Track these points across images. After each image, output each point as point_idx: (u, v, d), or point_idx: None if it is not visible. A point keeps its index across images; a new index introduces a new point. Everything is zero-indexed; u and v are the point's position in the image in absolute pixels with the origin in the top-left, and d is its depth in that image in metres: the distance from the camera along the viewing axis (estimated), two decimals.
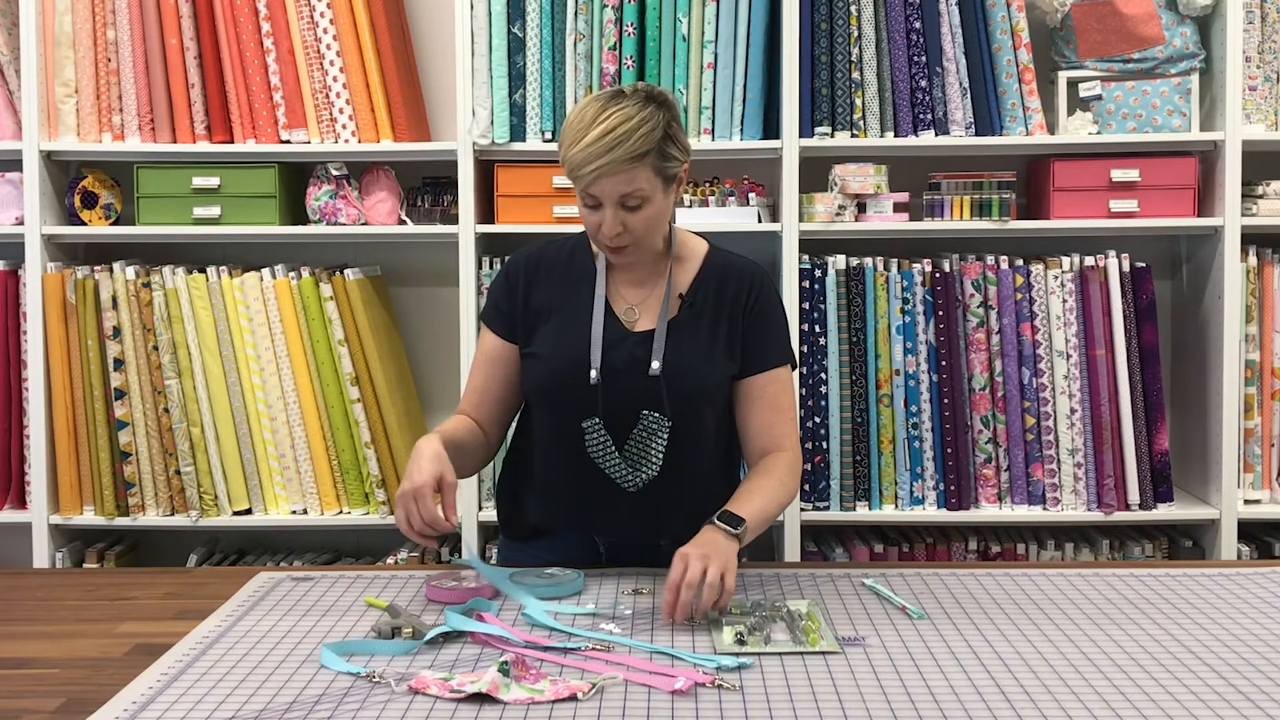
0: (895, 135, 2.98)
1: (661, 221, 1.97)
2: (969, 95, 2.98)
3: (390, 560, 3.07)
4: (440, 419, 3.25)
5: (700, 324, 2.01)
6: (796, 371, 2.91)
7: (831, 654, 1.62)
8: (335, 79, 2.99)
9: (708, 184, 3.09)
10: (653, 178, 1.90)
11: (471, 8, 2.96)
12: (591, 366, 1.97)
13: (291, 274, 3.02)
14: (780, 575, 1.99)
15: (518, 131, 3.01)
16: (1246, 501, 3.02)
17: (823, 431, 2.98)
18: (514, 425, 2.20)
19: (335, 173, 3.03)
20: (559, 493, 2.04)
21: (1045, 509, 2.98)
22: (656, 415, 1.96)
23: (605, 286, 2.03)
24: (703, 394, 2.00)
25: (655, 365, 1.97)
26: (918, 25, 2.96)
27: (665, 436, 1.97)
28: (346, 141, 3.01)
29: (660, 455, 1.97)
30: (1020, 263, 2.99)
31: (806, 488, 2.97)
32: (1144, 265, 3.01)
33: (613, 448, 1.97)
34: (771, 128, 3.01)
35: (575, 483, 2.02)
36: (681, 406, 1.97)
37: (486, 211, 3.08)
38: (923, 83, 2.97)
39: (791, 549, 2.95)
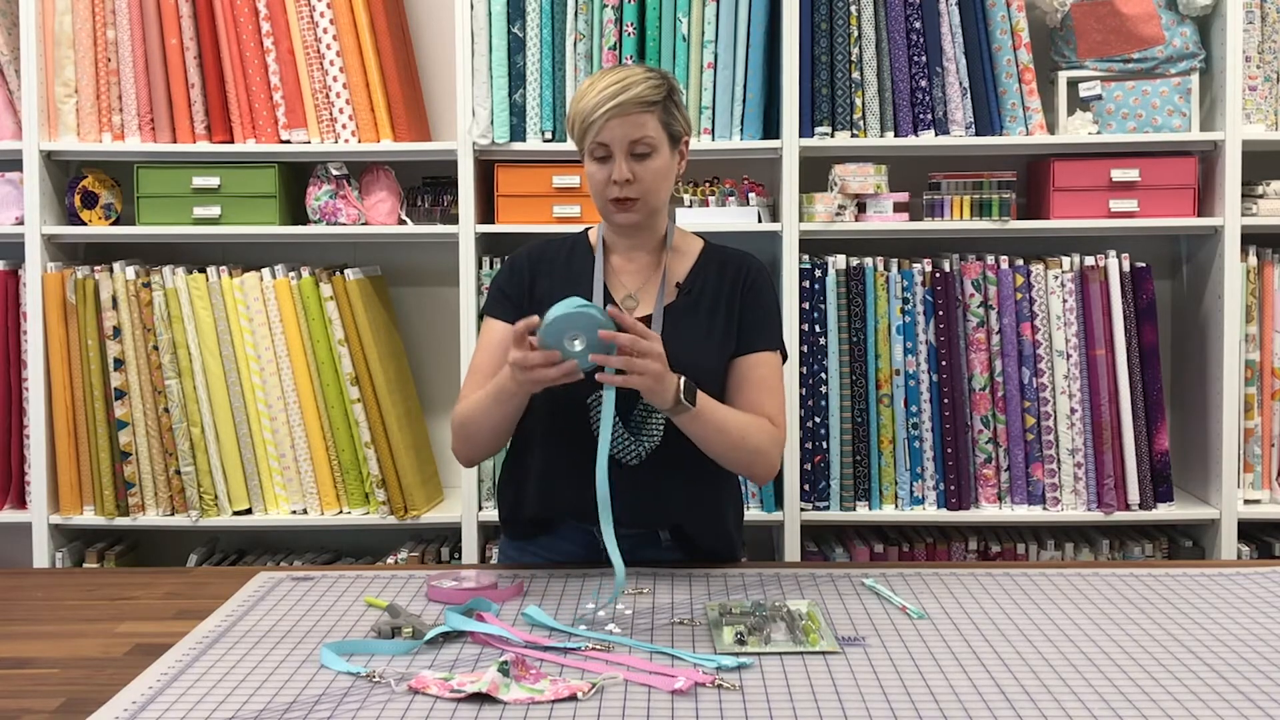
0: (895, 135, 2.98)
1: (665, 182, 2.03)
2: (969, 95, 2.98)
3: (390, 560, 3.07)
4: (441, 419, 3.26)
5: (698, 310, 2.06)
6: (789, 364, 2.90)
7: (831, 654, 1.62)
8: (335, 79, 2.99)
9: (708, 184, 3.09)
10: (659, 129, 2.00)
11: (471, 8, 2.96)
12: None
13: (291, 274, 3.02)
14: (780, 575, 1.99)
15: (518, 131, 3.01)
16: (1246, 501, 3.02)
17: (823, 431, 2.98)
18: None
19: (335, 173, 3.03)
20: (559, 481, 2.05)
21: (1045, 509, 2.98)
22: None
23: (604, 275, 2.07)
24: (702, 373, 2.01)
25: None
26: (918, 25, 2.96)
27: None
28: (346, 141, 3.01)
29: (660, 427, 1.99)
30: (1020, 263, 2.99)
31: (806, 487, 2.97)
32: (1144, 265, 3.01)
33: (617, 416, 1.97)
34: (771, 127, 3.01)
35: (576, 468, 2.01)
36: None
37: (486, 211, 3.08)
38: (923, 83, 2.97)
39: (791, 549, 2.95)
